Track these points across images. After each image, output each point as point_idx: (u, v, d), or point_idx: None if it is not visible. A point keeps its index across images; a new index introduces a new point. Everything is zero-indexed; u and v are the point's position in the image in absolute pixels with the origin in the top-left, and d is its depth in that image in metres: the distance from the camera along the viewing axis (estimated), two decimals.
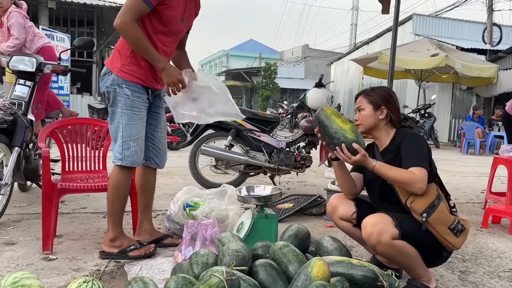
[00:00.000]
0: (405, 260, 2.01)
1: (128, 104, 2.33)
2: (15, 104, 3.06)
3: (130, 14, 2.20)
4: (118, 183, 2.38)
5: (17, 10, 3.59)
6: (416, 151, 2.08)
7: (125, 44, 2.33)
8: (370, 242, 1.98)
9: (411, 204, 2.01)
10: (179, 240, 2.58)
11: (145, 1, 2.20)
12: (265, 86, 28.47)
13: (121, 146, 2.33)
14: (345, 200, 2.33)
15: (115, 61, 2.37)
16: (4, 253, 2.48)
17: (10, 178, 2.90)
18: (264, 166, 4.44)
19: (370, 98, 2.25)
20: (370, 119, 2.23)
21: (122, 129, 2.33)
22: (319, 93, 4.77)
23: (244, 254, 1.86)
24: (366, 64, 12.81)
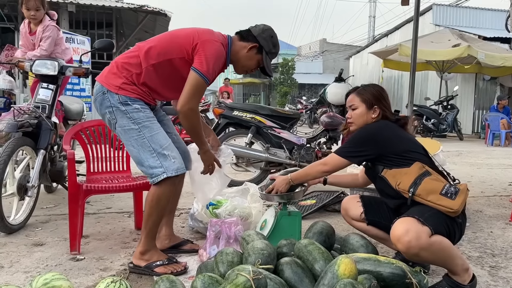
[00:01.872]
0: (445, 254, 1.91)
1: (142, 117, 2.20)
2: (39, 107, 3.12)
3: (196, 98, 2.17)
4: (159, 197, 2.21)
5: (54, 25, 3.62)
6: (348, 142, 2.23)
7: (133, 66, 2.22)
8: (412, 251, 1.84)
9: (398, 186, 2.04)
10: (198, 246, 2.58)
11: (207, 81, 2.17)
12: (283, 82, 28.40)
13: (157, 160, 2.17)
14: (353, 201, 2.38)
15: (112, 79, 2.22)
16: (33, 253, 2.53)
17: (36, 180, 2.97)
18: (285, 162, 4.42)
19: (363, 97, 2.26)
20: (363, 118, 2.25)
21: (149, 143, 2.18)
22: (339, 88, 4.75)
23: (269, 252, 1.85)
24: (386, 56, 12.61)
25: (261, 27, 2.39)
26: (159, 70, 2.24)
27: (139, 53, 2.25)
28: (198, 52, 2.18)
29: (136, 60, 2.23)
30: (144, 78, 2.23)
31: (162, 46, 2.25)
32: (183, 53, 2.21)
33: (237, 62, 2.40)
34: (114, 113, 2.21)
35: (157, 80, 2.26)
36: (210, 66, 2.16)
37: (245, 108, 4.56)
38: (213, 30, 2.37)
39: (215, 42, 2.23)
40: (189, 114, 2.17)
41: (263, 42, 2.36)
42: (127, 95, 2.20)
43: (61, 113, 3.57)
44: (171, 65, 2.24)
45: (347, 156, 2.19)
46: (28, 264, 2.36)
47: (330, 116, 4.62)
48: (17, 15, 11.98)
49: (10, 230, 2.82)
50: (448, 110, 11.90)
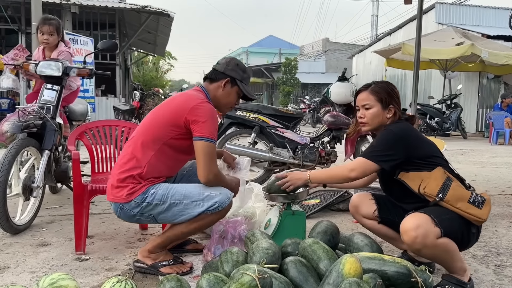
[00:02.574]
0: (448, 256, 1.94)
1: (163, 192, 2.18)
2: (43, 108, 3.13)
3: (213, 163, 2.18)
4: (206, 225, 2.29)
5: (69, 51, 3.62)
6: (373, 145, 2.12)
7: (132, 169, 2.19)
8: (415, 246, 1.89)
9: (424, 189, 1.98)
10: (202, 245, 2.58)
11: (214, 142, 2.19)
12: (285, 82, 28.36)
13: (206, 202, 2.17)
14: (366, 198, 2.31)
15: (118, 193, 2.19)
16: (39, 254, 2.54)
17: (41, 180, 2.98)
18: (289, 162, 4.42)
19: (378, 95, 2.14)
20: (379, 118, 2.15)
21: (189, 201, 2.17)
22: (343, 87, 4.72)
23: (274, 252, 1.86)
24: (389, 55, 12.59)
25: (224, 61, 2.41)
26: (161, 158, 2.23)
27: (133, 154, 2.22)
28: (192, 122, 2.16)
29: (134, 163, 2.21)
30: (148, 174, 2.21)
31: (153, 134, 2.23)
32: (176, 131, 2.20)
33: (219, 103, 2.39)
34: (144, 214, 2.21)
35: (162, 166, 2.25)
36: (211, 129, 2.17)
37: (248, 108, 4.56)
38: (189, 91, 2.35)
39: (202, 104, 2.21)
40: (215, 180, 2.21)
41: (232, 73, 2.36)
42: (140, 194, 2.17)
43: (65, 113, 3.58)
44: (170, 146, 2.23)
45: (378, 161, 2.04)
46: (34, 264, 2.38)
47: (333, 115, 4.62)
48: (21, 16, 12.03)
49: (15, 231, 2.84)
50: (451, 108, 11.88)
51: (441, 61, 12.05)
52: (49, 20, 3.61)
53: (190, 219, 2.18)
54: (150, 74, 22.82)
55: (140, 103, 8.57)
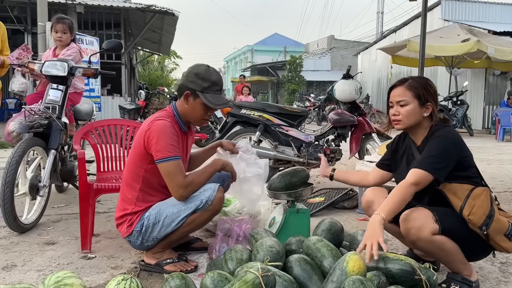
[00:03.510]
0: (445, 255, 1.95)
1: (156, 212, 2.23)
2: (49, 108, 3.15)
3: (180, 178, 2.14)
4: (193, 219, 2.23)
5: (79, 49, 3.67)
6: (431, 154, 1.93)
7: (127, 202, 2.28)
8: (409, 237, 1.92)
9: (468, 217, 1.88)
10: (208, 243, 2.60)
11: (177, 157, 2.16)
12: (291, 80, 28.31)
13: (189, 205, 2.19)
14: (381, 195, 2.20)
15: (121, 229, 2.32)
16: (45, 252, 2.57)
17: (47, 180, 3.00)
18: (293, 160, 4.42)
19: (416, 91, 2.01)
20: (415, 116, 2.02)
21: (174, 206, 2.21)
22: (347, 85, 4.71)
23: (278, 250, 1.86)
24: (394, 52, 12.55)
25: (185, 73, 2.32)
26: (147, 189, 2.28)
27: (124, 194, 2.31)
28: (149, 147, 2.17)
29: (126, 203, 2.29)
30: (141, 206, 2.26)
31: (132, 170, 2.28)
32: (148, 158, 2.21)
33: (189, 119, 2.35)
34: (149, 239, 2.25)
35: (153, 194, 2.29)
36: (163, 145, 2.13)
37: (252, 106, 4.57)
38: (153, 115, 2.34)
39: (153, 123, 2.20)
40: (187, 191, 2.18)
41: (190, 85, 2.26)
42: (137, 223, 2.24)
43: (70, 113, 3.60)
44: (152, 174, 2.24)
45: (438, 174, 1.90)
46: (40, 263, 2.40)
47: (338, 113, 4.61)
48: (27, 16, 12.11)
49: (22, 230, 2.86)
50: (457, 105, 11.81)
51: (447, 58, 11.98)
52: (62, 19, 3.66)
53: (184, 222, 2.21)
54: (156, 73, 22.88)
55: (145, 102, 8.61)
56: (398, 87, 2.07)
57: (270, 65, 32.18)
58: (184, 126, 2.37)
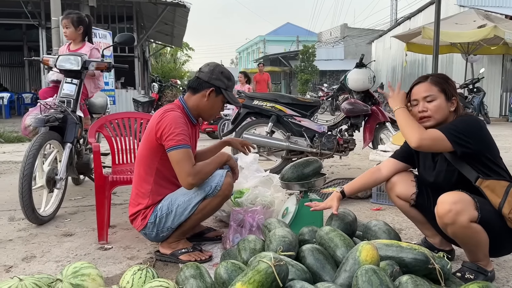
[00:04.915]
0: (473, 244, 1.91)
1: (168, 203, 2.28)
2: (64, 102, 3.20)
3: (188, 167, 2.16)
4: (204, 206, 2.26)
5: (91, 48, 3.66)
6: (453, 123, 1.95)
7: (142, 196, 2.31)
8: (444, 220, 1.86)
9: (509, 215, 1.85)
10: (222, 232, 2.62)
11: (187, 146, 2.19)
12: (303, 70, 28.15)
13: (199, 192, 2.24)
14: (407, 179, 2.17)
15: (135, 224, 2.36)
16: (63, 244, 2.62)
17: (64, 173, 3.06)
18: (306, 151, 4.41)
19: (441, 86, 2.00)
20: (444, 111, 2.00)
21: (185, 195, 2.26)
22: (360, 74, 4.66)
23: (291, 240, 1.87)
24: (409, 40, 12.34)
25: (207, 69, 2.36)
26: (161, 182, 2.32)
27: (137, 188, 2.34)
28: (160, 138, 2.21)
29: (140, 198, 2.32)
30: (154, 200, 2.31)
31: (144, 164, 2.32)
32: (160, 151, 2.25)
33: (203, 113, 2.39)
34: (163, 230, 2.29)
35: (165, 187, 2.33)
36: (174, 135, 2.17)
37: (265, 97, 4.56)
38: (162, 107, 2.37)
39: (164, 114, 2.24)
40: (196, 180, 2.19)
41: (217, 82, 2.34)
42: (150, 215, 2.29)
43: (84, 107, 3.64)
44: (164, 166, 2.28)
45: (454, 141, 1.89)
46: (58, 254, 2.45)
47: (351, 103, 4.57)
48: (41, 11, 12.23)
49: (40, 222, 2.93)
50: (474, 93, 11.59)
51: (462, 45, 11.74)
52: (67, 14, 3.68)
53: (196, 209, 2.24)
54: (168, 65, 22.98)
55: (158, 94, 8.65)
56: (422, 83, 2.06)
57: (282, 55, 32.01)
58: (194, 119, 2.40)
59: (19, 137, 8.38)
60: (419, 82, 2.08)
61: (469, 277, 1.92)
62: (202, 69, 2.39)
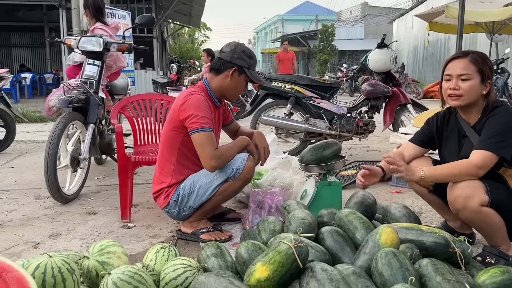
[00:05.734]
0: (488, 227, 1.91)
1: (189, 183, 2.32)
2: (87, 83, 3.24)
3: (211, 150, 2.19)
4: (226, 188, 2.30)
5: (100, 27, 3.70)
6: (494, 133, 1.86)
7: (164, 175, 2.37)
8: (455, 205, 1.87)
9: None
10: (241, 214, 2.66)
11: (210, 129, 2.23)
12: (322, 50, 27.77)
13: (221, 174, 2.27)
14: (425, 164, 2.12)
15: (158, 201, 2.43)
16: (87, 222, 2.70)
17: (87, 153, 3.13)
18: (325, 133, 4.40)
19: (479, 67, 1.92)
20: (476, 93, 1.92)
21: (207, 176, 2.29)
22: (382, 54, 4.58)
23: (310, 222, 1.89)
24: (431, 19, 11.99)
25: (229, 49, 2.36)
26: (183, 161, 2.37)
27: (161, 167, 2.40)
28: (184, 120, 2.24)
29: (163, 176, 2.39)
30: (177, 179, 2.36)
31: (168, 142, 2.37)
32: (182, 131, 2.30)
33: (227, 93, 2.41)
34: (185, 209, 2.35)
35: (188, 167, 2.38)
36: (198, 117, 2.20)
37: (283, 79, 4.54)
38: (186, 90, 2.40)
39: (188, 97, 2.26)
40: (218, 163, 2.23)
41: (239, 61, 2.34)
42: (173, 193, 2.35)
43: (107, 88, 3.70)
44: (186, 146, 2.33)
45: (502, 150, 1.84)
46: (83, 232, 2.53)
47: (372, 84, 4.52)
48: None
49: (65, 200, 3.02)
50: (498, 74, 11.28)
51: (487, 24, 11.37)
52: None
53: (217, 191, 2.28)
54: (186, 46, 22.96)
55: (177, 75, 8.69)
56: (460, 59, 1.97)
57: (301, 35, 31.59)
58: (217, 101, 2.41)
59: (42, 117, 8.56)
60: (458, 57, 1.99)
61: (490, 262, 1.92)
62: (224, 49, 2.39)
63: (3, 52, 18.33)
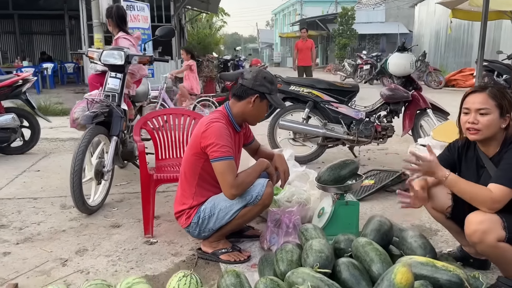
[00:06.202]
0: (504, 262, 1.94)
1: (209, 206, 2.40)
2: (109, 96, 3.33)
3: (231, 178, 2.27)
4: (245, 213, 2.39)
5: (124, 37, 3.79)
6: (508, 167, 1.90)
7: (186, 197, 2.46)
8: (472, 239, 1.91)
9: None
10: (259, 231, 2.73)
11: (231, 157, 2.29)
12: (342, 34, 27.34)
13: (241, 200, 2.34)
14: (443, 191, 2.16)
15: (180, 221, 2.52)
16: (112, 236, 2.81)
17: (111, 165, 3.23)
18: (343, 138, 4.41)
19: (498, 101, 1.94)
20: (495, 127, 1.95)
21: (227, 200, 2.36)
22: (402, 58, 4.53)
23: (327, 255, 1.94)
24: (454, 6, 11.64)
25: (251, 76, 2.40)
26: (204, 185, 2.45)
27: (182, 188, 2.49)
28: (205, 147, 2.31)
29: (185, 198, 2.47)
30: (197, 200, 2.44)
31: (189, 166, 2.45)
32: (203, 157, 2.37)
33: (248, 118, 2.49)
34: (205, 230, 2.43)
35: (208, 189, 2.46)
36: (219, 146, 2.27)
37: (302, 83, 4.55)
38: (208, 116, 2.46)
39: (210, 125, 2.32)
40: (238, 191, 2.31)
41: (261, 88, 2.39)
42: (194, 215, 2.43)
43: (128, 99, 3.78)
44: (206, 171, 2.40)
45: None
46: (108, 248, 2.64)
47: (391, 88, 4.48)
48: None
49: (90, 211, 3.13)
50: None
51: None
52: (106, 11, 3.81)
53: (237, 215, 2.37)
54: (204, 31, 22.84)
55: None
56: (479, 93, 1.99)
57: (319, 18, 31.10)
58: (238, 126, 2.47)
59: (64, 110, 8.72)
60: (476, 91, 2.01)
61: None
62: (245, 76, 2.43)
63: (25, 40, 18.63)
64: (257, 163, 2.47)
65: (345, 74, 18.64)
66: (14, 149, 5.11)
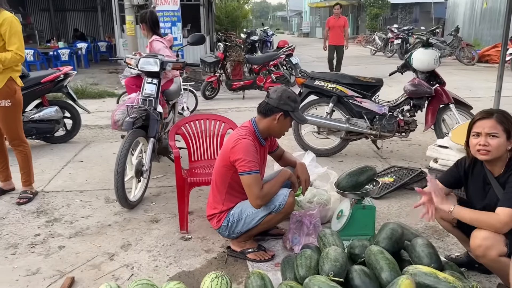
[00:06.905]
0: (504, 274, 2.13)
1: (238, 211, 2.69)
2: (146, 100, 3.62)
3: (257, 190, 2.54)
4: (270, 219, 2.67)
5: (157, 39, 4.11)
6: None
7: (217, 202, 2.75)
8: (476, 253, 2.14)
9: None
10: (283, 230, 3.02)
11: (257, 171, 2.55)
12: (373, 3, 26.62)
13: (265, 208, 2.62)
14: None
15: (211, 223, 2.81)
16: (152, 231, 3.16)
17: (149, 164, 3.57)
18: (366, 133, 4.58)
19: (505, 126, 2.16)
20: (502, 149, 2.16)
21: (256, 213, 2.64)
22: (426, 55, 4.59)
23: (341, 264, 2.20)
24: None
25: (275, 96, 2.62)
26: (233, 193, 2.72)
27: (214, 193, 2.77)
28: (234, 162, 2.58)
29: (216, 203, 2.76)
30: (227, 206, 2.72)
31: (220, 176, 2.72)
32: (232, 170, 2.62)
33: (273, 133, 2.75)
34: (234, 232, 2.73)
35: (236, 197, 2.73)
36: (246, 161, 2.52)
37: (326, 78, 4.69)
38: (236, 129, 2.75)
39: (238, 141, 2.57)
40: (263, 202, 2.59)
41: (285, 107, 2.62)
42: (224, 219, 2.73)
43: (163, 101, 4.07)
44: (235, 182, 2.66)
45: None
46: (149, 243, 2.98)
47: (414, 84, 4.58)
48: None
49: (131, 207, 3.49)
50: None
51: None
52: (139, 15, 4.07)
53: (262, 221, 2.66)
54: (232, 4, 22.82)
55: (224, 54, 8.91)
56: (487, 119, 2.19)
57: None
58: (263, 140, 2.72)
59: (100, 93, 9.16)
60: (484, 117, 2.21)
61: None
62: (271, 95, 2.66)
63: (59, 17, 19.10)
64: (280, 174, 2.73)
65: (375, 48, 18.38)
66: (57, 138, 5.54)
